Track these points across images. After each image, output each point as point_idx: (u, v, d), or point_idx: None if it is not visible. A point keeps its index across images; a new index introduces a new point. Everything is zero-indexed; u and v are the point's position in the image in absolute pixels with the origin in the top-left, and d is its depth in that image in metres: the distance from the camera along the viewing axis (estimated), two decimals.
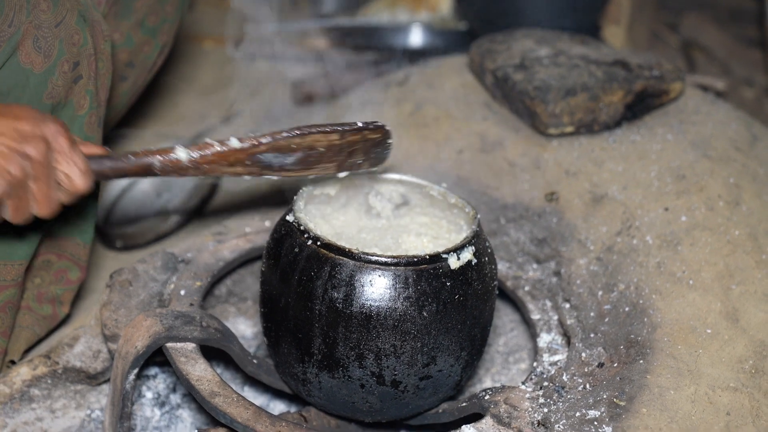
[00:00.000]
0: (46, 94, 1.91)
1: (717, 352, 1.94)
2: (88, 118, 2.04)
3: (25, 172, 1.69)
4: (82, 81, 1.99)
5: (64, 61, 1.92)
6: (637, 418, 1.78)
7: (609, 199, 2.29)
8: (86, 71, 1.99)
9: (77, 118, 2.02)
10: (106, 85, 2.09)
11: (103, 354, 2.14)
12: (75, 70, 1.95)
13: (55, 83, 1.92)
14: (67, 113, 2.00)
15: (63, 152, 1.72)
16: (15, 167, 1.67)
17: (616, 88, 2.41)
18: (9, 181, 1.67)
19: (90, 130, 2.05)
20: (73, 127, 2.02)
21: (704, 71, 3.93)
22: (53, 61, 1.90)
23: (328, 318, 1.82)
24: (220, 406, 1.84)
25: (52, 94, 1.92)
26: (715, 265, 2.09)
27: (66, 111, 1.99)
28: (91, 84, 2.01)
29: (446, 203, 2.07)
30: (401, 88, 2.73)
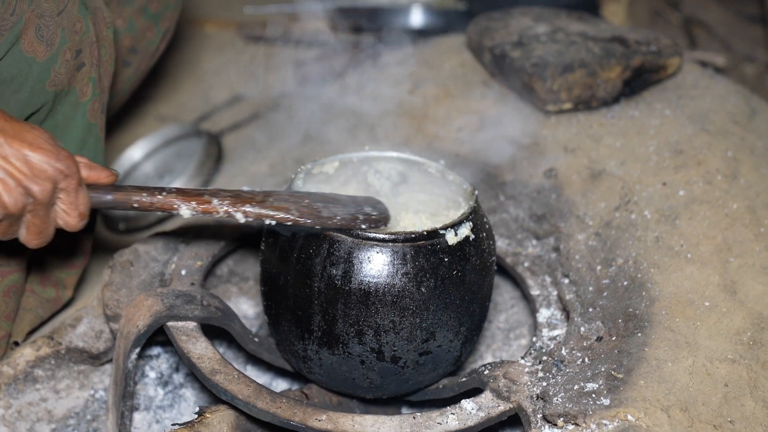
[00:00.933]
0: (48, 82, 1.91)
1: (715, 324, 1.94)
2: (91, 105, 2.04)
3: (24, 208, 1.64)
4: (85, 68, 1.99)
5: (67, 49, 1.92)
6: (635, 390, 1.78)
7: (607, 174, 2.28)
8: (89, 58, 1.99)
9: (80, 105, 2.02)
10: (109, 72, 2.09)
11: (106, 334, 2.15)
12: (77, 57, 1.95)
13: (58, 71, 1.92)
14: (70, 100, 2.00)
15: (68, 192, 1.67)
16: (15, 200, 1.62)
17: (613, 64, 2.41)
18: (4, 212, 1.62)
19: (93, 117, 2.06)
20: (76, 114, 2.03)
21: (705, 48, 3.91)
22: (56, 50, 1.90)
23: (327, 295, 1.83)
24: (221, 384, 1.85)
25: (54, 82, 1.92)
26: (714, 238, 2.09)
27: (69, 98, 2.00)
28: (94, 71, 2.01)
29: (444, 180, 2.07)
30: (401, 67, 2.73)
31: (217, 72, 3.61)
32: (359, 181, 2.12)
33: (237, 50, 3.77)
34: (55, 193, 1.66)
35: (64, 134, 2.03)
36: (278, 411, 1.81)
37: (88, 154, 2.08)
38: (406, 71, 2.70)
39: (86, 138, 2.06)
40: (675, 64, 2.48)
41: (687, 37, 3.98)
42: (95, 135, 2.08)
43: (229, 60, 3.68)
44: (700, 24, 4.11)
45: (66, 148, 2.01)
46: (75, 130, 2.04)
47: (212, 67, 3.65)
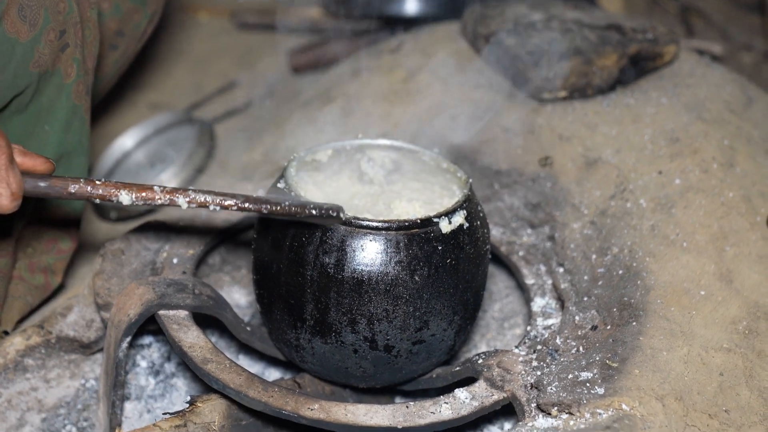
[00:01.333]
0: (32, 63, 1.90)
1: (710, 313, 1.94)
2: (76, 86, 2.04)
3: None
4: (69, 49, 1.98)
5: (50, 30, 1.91)
6: (629, 379, 1.78)
7: (603, 162, 2.28)
8: (73, 39, 1.98)
9: (65, 87, 2.02)
10: (94, 53, 2.08)
11: (96, 323, 2.14)
12: (61, 38, 1.95)
13: (42, 52, 1.91)
14: (55, 81, 1.99)
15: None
16: None
17: (609, 52, 2.40)
18: None
19: (78, 98, 2.05)
20: (61, 95, 2.02)
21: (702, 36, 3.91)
22: (39, 30, 1.89)
23: (319, 283, 1.83)
24: (212, 372, 1.85)
25: (38, 63, 1.91)
26: (709, 227, 2.09)
27: (53, 79, 1.99)
28: (78, 52, 2.00)
29: (438, 168, 2.06)
30: (394, 56, 2.72)
31: (210, 59, 3.61)
32: (352, 169, 2.12)
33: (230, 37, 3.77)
34: None
35: (49, 116, 2.02)
36: (270, 400, 1.81)
37: (73, 136, 2.08)
38: (401, 59, 2.69)
39: (71, 120, 2.05)
40: (671, 52, 2.48)
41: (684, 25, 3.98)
42: (80, 117, 2.08)
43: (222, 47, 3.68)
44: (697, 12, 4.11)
45: (51, 130, 2.02)
46: (60, 112, 2.03)
47: (205, 54, 3.64)
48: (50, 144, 2.05)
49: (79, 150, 2.11)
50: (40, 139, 2.04)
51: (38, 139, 2.03)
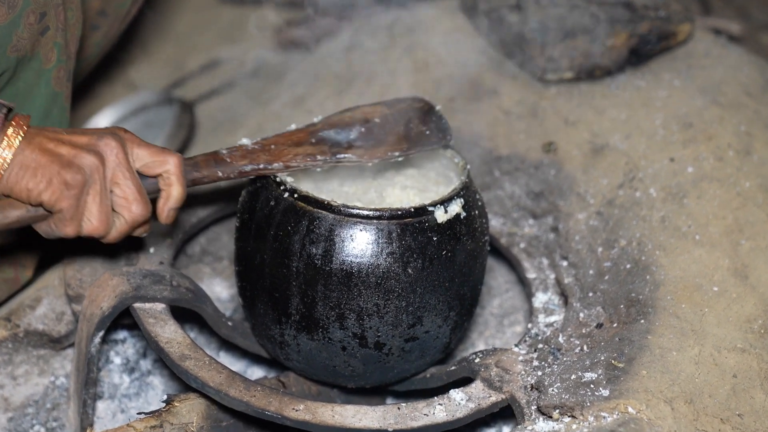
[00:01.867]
0: (10, 47, 1.90)
1: (724, 311, 1.94)
2: (56, 72, 2.03)
3: (104, 160, 1.73)
4: (50, 32, 1.97)
5: (30, 12, 1.90)
6: (636, 380, 1.79)
7: (611, 149, 2.28)
8: (53, 22, 1.97)
9: (44, 72, 2.01)
10: (76, 36, 2.08)
11: (67, 316, 2.14)
12: (42, 21, 1.94)
13: (21, 36, 1.90)
14: (34, 67, 1.99)
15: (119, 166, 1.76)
16: (93, 155, 1.72)
17: (619, 30, 2.40)
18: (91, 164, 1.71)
19: (58, 85, 2.05)
20: (40, 81, 2.02)
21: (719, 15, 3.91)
22: (18, 12, 1.88)
23: (306, 276, 1.83)
24: (191, 370, 1.85)
25: (17, 47, 1.91)
26: (724, 219, 2.09)
27: (32, 65, 1.98)
28: (60, 36, 2.00)
29: (434, 153, 2.06)
30: (389, 32, 2.72)
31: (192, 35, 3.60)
32: None
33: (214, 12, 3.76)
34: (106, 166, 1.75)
35: (26, 103, 2.01)
36: (252, 400, 1.81)
37: (52, 123, 2.07)
38: (396, 35, 2.69)
39: (50, 108, 2.05)
40: (685, 31, 2.48)
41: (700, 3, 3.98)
42: (60, 105, 2.07)
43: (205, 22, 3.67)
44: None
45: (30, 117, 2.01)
46: (38, 99, 2.03)
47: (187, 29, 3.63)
48: None
49: None
50: None
51: None
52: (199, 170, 1.87)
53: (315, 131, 1.95)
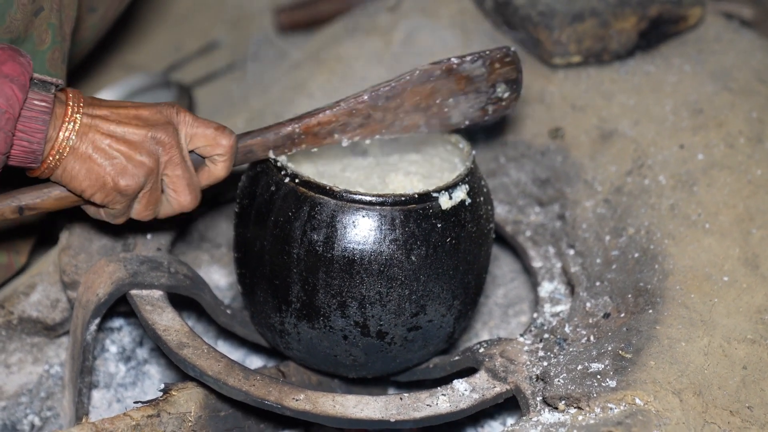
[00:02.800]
0: (3, 28, 1.89)
1: (734, 301, 1.94)
2: (51, 54, 2.03)
3: (158, 159, 1.76)
4: (44, 13, 1.97)
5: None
6: (644, 371, 1.79)
7: (619, 135, 2.29)
8: (48, 3, 1.97)
9: (38, 54, 2.01)
10: (72, 17, 2.07)
11: (62, 303, 2.15)
12: (35, 1, 1.94)
13: (14, 16, 1.90)
14: (27, 48, 1.98)
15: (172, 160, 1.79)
16: (147, 156, 1.74)
17: (628, 14, 2.40)
18: (146, 171, 1.74)
19: (53, 67, 2.04)
20: (34, 63, 2.01)
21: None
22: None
23: (307, 263, 1.83)
24: (188, 358, 1.86)
25: (10, 29, 1.90)
26: (734, 207, 2.09)
27: (26, 46, 1.98)
28: (54, 16, 1.99)
29: (439, 139, 2.07)
30: (392, 15, 2.71)
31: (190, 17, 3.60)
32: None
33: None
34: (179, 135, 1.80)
35: None
36: (251, 389, 1.81)
37: None
38: (399, 18, 2.68)
39: None
40: (696, 15, 2.48)
41: None
42: None
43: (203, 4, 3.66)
44: None
45: None
46: None
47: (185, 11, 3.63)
48: None
49: None
50: None
51: None
52: (253, 155, 1.90)
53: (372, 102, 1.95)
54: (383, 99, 1.92)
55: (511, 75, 2.00)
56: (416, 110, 1.94)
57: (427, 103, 1.94)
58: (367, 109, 1.92)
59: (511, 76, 2.00)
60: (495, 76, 1.98)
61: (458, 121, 1.98)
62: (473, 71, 1.96)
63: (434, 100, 1.95)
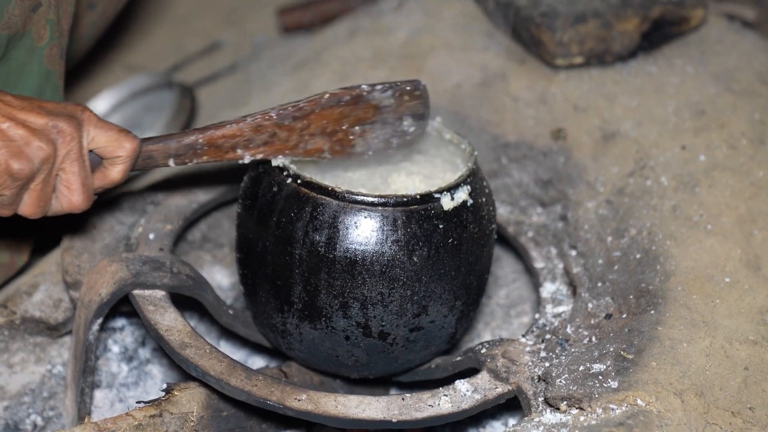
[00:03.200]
0: (1, 24, 1.90)
1: (736, 302, 1.95)
2: (49, 50, 2.03)
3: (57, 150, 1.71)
4: (42, 9, 1.98)
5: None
6: (646, 372, 1.80)
7: (621, 136, 2.29)
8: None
9: (36, 50, 2.02)
10: (69, 13, 2.08)
11: (65, 303, 2.15)
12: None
13: (12, 12, 1.91)
14: (25, 44, 1.99)
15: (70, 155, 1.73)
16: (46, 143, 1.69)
17: (630, 15, 2.40)
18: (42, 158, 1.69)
19: (51, 63, 2.05)
20: (32, 59, 2.02)
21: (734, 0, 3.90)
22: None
23: (309, 263, 1.83)
24: (191, 358, 1.86)
25: (8, 25, 1.91)
26: (736, 208, 2.10)
27: (24, 42, 1.99)
28: (52, 12, 2.00)
29: (441, 140, 2.07)
30: (395, 15, 2.72)
31: (192, 17, 3.60)
32: None
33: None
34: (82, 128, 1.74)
35: (18, 82, 2.02)
36: (253, 389, 1.82)
37: None
38: (402, 19, 2.69)
39: (43, 86, 2.06)
40: (699, 17, 2.48)
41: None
42: (53, 83, 2.08)
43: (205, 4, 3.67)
44: None
45: None
46: (30, 78, 2.03)
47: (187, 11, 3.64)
48: None
49: None
50: None
51: None
52: (152, 161, 1.85)
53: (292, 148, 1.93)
54: (290, 119, 1.89)
55: (419, 109, 1.97)
56: (322, 134, 1.92)
57: (333, 128, 1.92)
58: (273, 127, 1.89)
59: (418, 110, 1.97)
60: (403, 108, 1.95)
61: (362, 150, 1.96)
62: (382, 101, 1.93)
63: (341, 125, 1.92)
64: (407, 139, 1.98)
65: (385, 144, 1.97)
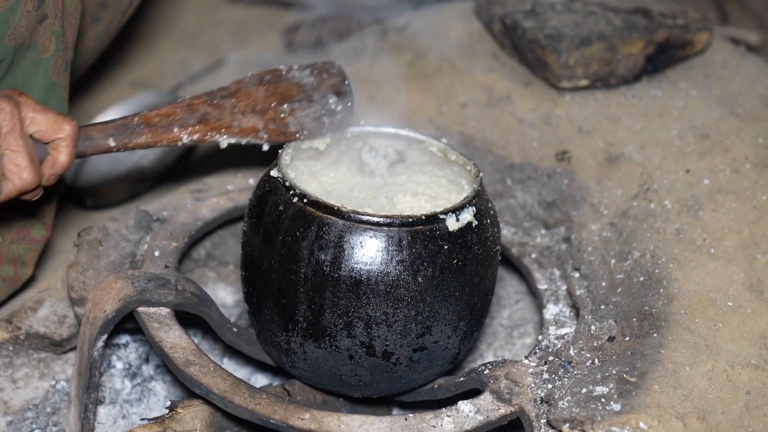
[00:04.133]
0: (8, 35, 1.92)
1: (738, 326, 1.96)
2: (54, 62, 2.05)
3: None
4: (48, 21, 1.99)
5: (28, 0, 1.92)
6: (648, 395, 1.80)
7: (625, 159, 2.30)
8: (52, 10, 1.99)
9: (42, 62, 2.03)
10: (74, 26, 2.09)
11: (70, 319, 2.16)
12: (40, 9, 1.96)
13: (18, 23, 1.92)
14: (31, 56, 2.01)
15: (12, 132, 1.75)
16: None
17: (635, 38, 2.42)
18: None
19: (56, 75, 2.06)
20: (37, 71, 2.03)
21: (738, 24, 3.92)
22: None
23: (314, 282, 1.84)
24: (195, 376, 1.87)
25: (14, 35, 1.92)
26: (739, 232, 2.10)
27: (30, 54, 2.00)
28: (57, 24, 2.01)
29: (446, 160, 2.08)
30: (401, 36, 2.74)
31: (197, 35, 3.62)
32: (352, 159, 2.13)
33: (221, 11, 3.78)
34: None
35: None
36: (257, 407, 1.82)
37: None
38: (408, 39, 2.70)
39: (48, 97, 2.07)
40: (703, 41, 2.50)
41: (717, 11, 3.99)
42: (58, 94, 2.09)
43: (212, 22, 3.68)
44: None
45: None
46: (36, 89, 2.04)
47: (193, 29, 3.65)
48: None
49: None
50: None
51: None
52: (94, 141, 1.91)
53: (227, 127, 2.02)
54: (218, 97, 2.00)
55: (340, 87, 2.06)
56: (253, 113, 2.00)
57: (262, 107, 2.01)
58: (204, 106, 1.98)
59: (340, 87, 2.06)
60: (324, 86, 2.05)
61: (295, 129, 2.03)
62: (302, 78, 2.04)
63: (269, 103, 2.02)
64: (337, 118, 2.05)
65: (317, 123, 2.04)
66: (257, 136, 2.02)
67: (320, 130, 2.04)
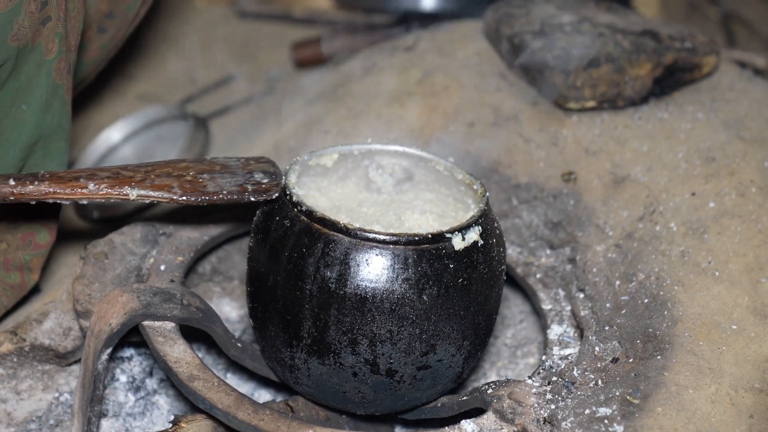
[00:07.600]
0: (11, 36, 1.92)
1: (742, 349, 1.96)
2: (57, 63, 2.05)
3: None
4: (51, 23, 2.00)
5: (31, 1, 1.93)
6: (651, 417, 1.80)
7: (631, 181, 2.30)
8: (55, 12, 2.00)
9: (45, 63, 2.04)
10: (77, 29, 2.10)
11: (75, 332, 2.16)
12: (43, 10, 1.97)
13: (21, 24, 1.93)
14: (35, 58, 2.01)
15: None
16: None
17: (643, 60, 2.43)
18: None
19: (59, 77, 2.07)
20: (40, 72, 2.04)
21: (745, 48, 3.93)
22: (18, 0, 1.91)
23: (319, 299, 1.85)
24: (199, 391, 1.87)
25: (17, 36, 1.93)
26: (745, 256, 2.11)
27: (33, 56, 2.01)
28: (61, 26, 2.02)
29: (453, 179, 2.09)
30: (409, 54, 2.75)
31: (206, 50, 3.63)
32: (360, 176, 2.14)
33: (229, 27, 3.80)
34: None
35: (26, 95, 2.04)
36: (260, 423, 1.83)
37: (52, 117, 2.09)
38: (416, 58, 2.71)
39: (51, 100, 2.07)
40: (711, 64, 2.51)
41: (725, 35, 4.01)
42: (61, 97, 2.10)
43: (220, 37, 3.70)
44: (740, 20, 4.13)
45: (29, 109, 2.05)
46: (39, 91, 2.05)
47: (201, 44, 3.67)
48: (27, 125, 2.07)
49: (58, 133, 2.13)
50: (17, 119, 2.05)
51: (14, 119, 2.05)
52: None
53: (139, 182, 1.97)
54: (133, 166, 1.97)
55: (268, 168, 2.01)
56: (168, 176, 1.96)
57: (179, 173, 1.97)
58: (116, 169, 1.95)
59: (268, 168, 2.01)
60: (251, 167, 2.01)
61: (215, 189, 1.95)
62: (228, 161, 2.02)
63: (187, 171, 1.97)
64: (263, 188, 1.96)
65: (241, 188, 1.96)
66: (171, 190, 1.94)
67: (242, 194, 1.96)
